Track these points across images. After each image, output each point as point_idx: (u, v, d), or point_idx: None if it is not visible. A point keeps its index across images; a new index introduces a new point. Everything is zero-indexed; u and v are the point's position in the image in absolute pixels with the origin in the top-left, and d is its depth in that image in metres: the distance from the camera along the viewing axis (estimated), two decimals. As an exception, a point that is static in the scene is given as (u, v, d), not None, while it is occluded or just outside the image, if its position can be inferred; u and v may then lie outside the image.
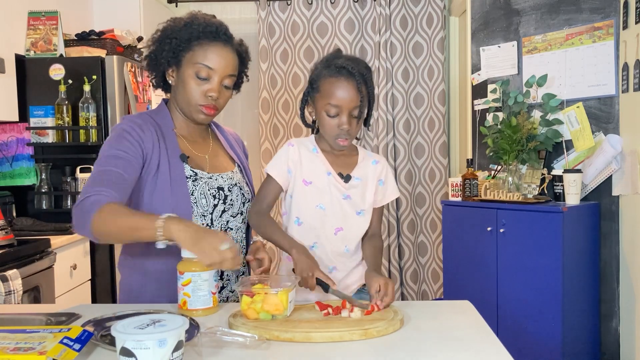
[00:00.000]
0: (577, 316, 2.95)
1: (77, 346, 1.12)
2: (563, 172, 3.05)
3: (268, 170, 1.74)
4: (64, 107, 3.09)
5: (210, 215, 1.64)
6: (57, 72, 3.14)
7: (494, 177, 3.34)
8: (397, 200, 4.35)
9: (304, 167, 1.71)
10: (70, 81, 3.12)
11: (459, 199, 3.34)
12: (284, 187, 1.74)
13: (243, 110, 4.62)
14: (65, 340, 1.10)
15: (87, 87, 3.10)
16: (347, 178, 1.71)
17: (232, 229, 1.69)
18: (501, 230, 3.05)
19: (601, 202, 3.07)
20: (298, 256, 1.59)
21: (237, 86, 1.76)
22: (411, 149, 4.38)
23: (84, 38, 3.38)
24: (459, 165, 4.43)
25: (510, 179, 3.19)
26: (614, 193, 3.01)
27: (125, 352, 1.03)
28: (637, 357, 2.83)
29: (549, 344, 2.88)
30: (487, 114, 3.52)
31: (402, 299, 4.35)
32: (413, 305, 1.56)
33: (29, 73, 3.14)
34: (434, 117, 4.34)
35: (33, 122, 3.12)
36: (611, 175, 3.01)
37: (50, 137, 3.12)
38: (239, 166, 1.78)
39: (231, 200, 1.68)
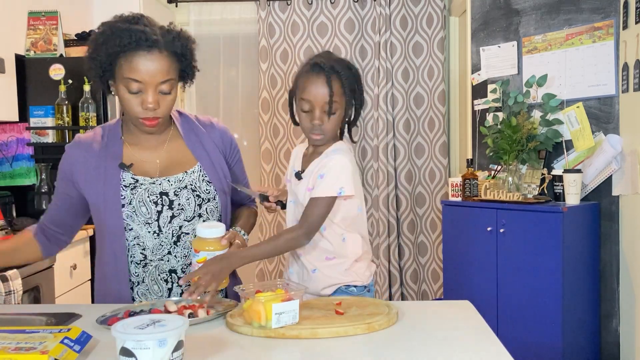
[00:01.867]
0: (577, 316, 2.95)
1: (77, 347, 1.12)
2: (563, 172, 3.05)
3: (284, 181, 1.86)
4: (64, 107, 3.09)
5: (157, 222, 1.59)
6: (57, 72, 3.14)
7: (494, 177, 3.34)
8: (397, 200, 4.35)
9: (290, 167, 1.82)
10: (70, 81, 3.12)
11: (459, 199, 3.34)
12: None
13: (243, 110, 4.62)
14: (65, 341, 1.10)
15: (87, 87, 3.10)
16: (297, 175, 1.74)
17: (187, 233, 1.62)
18: (501, 230, 3.05)
19: (601, 202, 3.08)
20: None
21: (186, 81, 1.67)
22: (411, 149, 4.38)
23: (84, 38, 3.38)
24: (459, 165, 4.43)
25: (510, 179, 3.19)
26: (614, 193, 3.01)
27: (125, 352, 1.03)
28: (637, 357, 2.83)
29: (549, 344, 2.88)
30: (487, 114, 3.52)
31: (402, 299, 4.35)
32: (413, 305, 1.56)
33: (29, 73, 3.14)
34: (434, 117, 4.34)
35: (33, 122, 3.12)
36: (611, 175, 3.01)
37: (50, 137, 3.12)
38: (201, 163, 1.68)
39: (180, 204, 1.61)
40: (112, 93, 1.61)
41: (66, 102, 3.10)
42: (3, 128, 3.17)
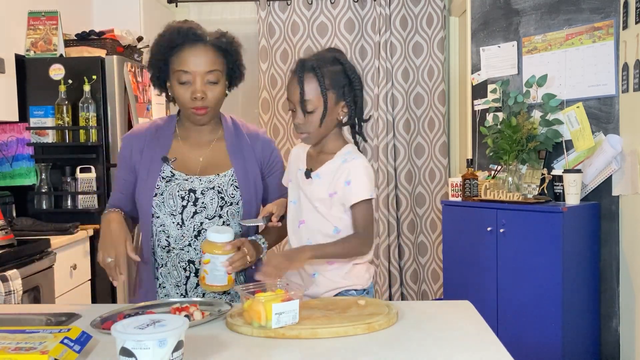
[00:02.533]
0: (577, 316, 2.95)
1: (77, 347, 1.12)
2: (563, 172, 3.05)
3: (282, 182, 1.85)
4: (64, 107, 3.09)
5: (180, 215, 1.72)
6: (57, 72, 3.14)
7: (494, 177, 3.34)
8: (397, 200, 4.35)
9: (291, 166, 1.81)
10: (70, 81, 3.11)
11: (459, 199, 3.34)
12: None
13: (243, 110, 4.62)
14: (65, 341, 1.10)
15: (87, 87, 3.10)
16: (307, 173, 1.72)
17: (206, 230, 1.69)
18: (501, 230, 3.05)
19: (601, 202, 3.07)
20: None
21: (233, 80, 1.82)
22: (411, 149, 4.38)
23: (84, 38, 3.38)
24: (459, 165, 4.43)
25: (510, 179, 3.19)
26: (614, 193, 3.01)
27: (125, 352, 1.03)
28: (637, 357, 2.83)
29: (549, 344, 2.88)
30: (487, 114, 3.52)
31: (402, 299, 4.35)
32: (413, 305, 1.56)
33: (29, 73, 3.14)
34: (434, 117, 4.34)
35: (33, 122, 3.12)
36: (611, 175, 3.01)
37: (50, 137, 3.12)
38: (235, 169, 1.77)
39: (203, 203, 1.72)
40: (170, 93, 1.75)
41: (66, 102, 3.09)
42: (3, 128, 3.17)
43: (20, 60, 3.09)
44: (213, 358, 1.18)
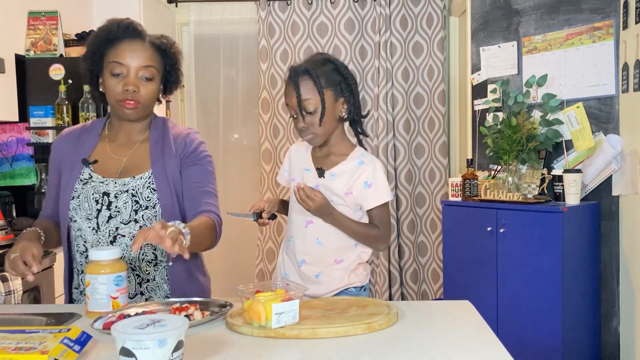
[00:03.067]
0: (577, 316, 2.95)
1: (77, 347, 1.12)
2: (563, 172, 3.05)
3: (278, 180, 1.90)
4: (64, 107, 3.09)
5: (96, 219, 1.67)
6: (57, 72, 3.14)
7: (494, 177, 3.34)
8: (397, 200, 4.35)
9: (292, 165, 1.83)
10: (70, 81, 3.11)
11: (459, 199, 3.34)
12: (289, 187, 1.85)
13: (243, 110, 4.62)
14: (65, 341, 1.10)
15: (87, 87, 3.10)
16: (320, 172, 1.74)
17: (124, 235, 1.66)
18: (501, 230, 3.05)
19: (601, 202, 3.08)
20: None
21: (169, 84, 1.76)
22: (411, 149, 4.38)
23: (84, 38, 3.38)
24: (459, 165, 4.43)
25: (510, 179, 3.19)
26: (614, 193, 3.01)
27: (125, 352, 1.03)
28: (637, 357, 2.83)
29: (549, 344, 2.88)
30: (487, 114, 3.52)
31: (402, 299, 4.35)
32: (413, 305, 1.56)
33: (29, 73, 3.14)
34: (434, 117, 4.34)
35: (33, 122, 3.12)
36: (611, 175, 3.01)
37: (50, 137, 3.12)
38: (153, 170, 1.69)
39: (117, 207, 1.66)
40: (101, 89, 1.72)
41: (66, 102, 3.09)
42: (3, 128, 3.17)
43: (20, 60, 3.09)
44: (213, 358, 1.18)
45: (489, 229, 3.11)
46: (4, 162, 3.17)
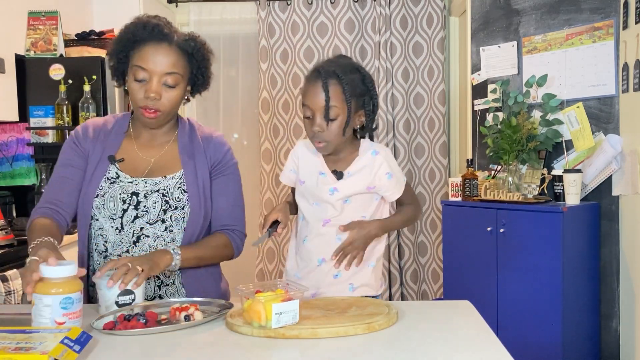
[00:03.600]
0: (577, 316, 2.95)
1: (77, 347, 1.12)
2: (563, 172, 3.05)
3: (281, 180, 1.86)
4: (64, 107, 3.09)
5: (120, 219, 1.62)
6: (57, 72, 3.14)
7: (494, 177, 3.34)
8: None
9: (301, 167, 1.78)
10: (70, 81, 3.12)
11: (459, 199, 3.34)
12: (294, 186, 1.83)
13: (243, 110, 4.62)
14: (65, 341, 1.10)
15: (87, 87, 3.10)
16: (339, 175, 1.73)
17: (148, 236, 1.63)
18: (501, 230, 3.05)
19: (601, 202, 3.08)
20: (275, 206, 1.78)
21: (196, 87, 1.73)
22: (411, 149, 4.38)
23: (84, 38, 3.38)
24: (459, 165, 4.43)
25: (510, 179, 3.19)
26: (614, 193, 3.01)
27: (126, 292, 1.37)
28: (637, 357, 2.83)
29: (549, 344, 2.88)
30: (487, 114, 3.52)
31: (402, 299, 4.35)
32: (413, 305, 1.56)
33: (29, 73, 3.14)
34: (434, 117, 4.34)
35: (33, 122, 3.12)
36: (611, 175, 3.01)
37: (50, 137, 3.12)
38: (184, 171, 1.67)
39: (145, 207, 1.63)
40: (125, 87, 1.67)
41: (66, 102, 3.10)
42: (3, 128, 3.17)
43: (20, 60, 3.09)
44: (213, 358, 1.18)
45: (489, 229, 3.11)
46: (4, 162, 3.17)
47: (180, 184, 1.66)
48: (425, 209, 4.39)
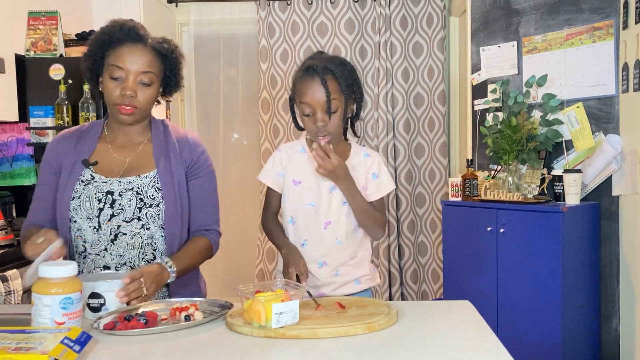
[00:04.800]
0: (577, 316, 2.95)
1: (77, 347, 1.12)
2: (563, 172, 3.05)
3: (261, 179, 1.87)
4: (64, 107, 3.09)
5: (97, 218, 1.67)
6: (57, 72, 3.14)
7: (494, 177, 3.34)
8: (397, 200, 4.35)
9: (292, 168, 1.81)
10: (70, 81, 3.11)
11: (459, 199, 3.34)
12: (280, 190, 1.84)
13: (243, 110, 4.62)
14: (65, 341, 1.10)
15: (87, 87, 3.10)
16: None
17: (125, 234, 1.68)
18: (501, 230, 3.05)
19: (601, 202, 3.08)
20: (286, 254, 1.72)
21: (168, 88, 1.77)
22: (411, 149, 4.38)
23: (84, 38, 3.38)
24: (459, 165, 4.43)
25: (510, 179, 3.19)
26: (614, 193, 3.01)
27: (95, 295, 1.42)
28: (637, 357, 2.83)
29: (548, 344, 2.88)
30: (487, 114, 3.52)
31: (402, 299, 4.35)
32: (413, 305, 1.56)
33: (29, 73, 3.14)
34: (434, 117, 4.34)
35: (33, 122, 3.12)
36: (611, 175, 3.01)
37: (50, 137, 3.12)
38: (158, 169, 1.72)
39: (121, 205, 1.68)
40: (100, 89, 1.72)
41: (66, 102, 3.09)
42: (3, 128, 3.17)
43: (20, 60, 3.09)
44: (213, 358, 1.18)
45: (489, 229, 3.11)
46: (4, 162, 3.17)
47: (155, 182, 1.71)
48: (426, 209, 4.39)
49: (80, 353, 1.13)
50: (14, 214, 3.09)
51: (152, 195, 1.70)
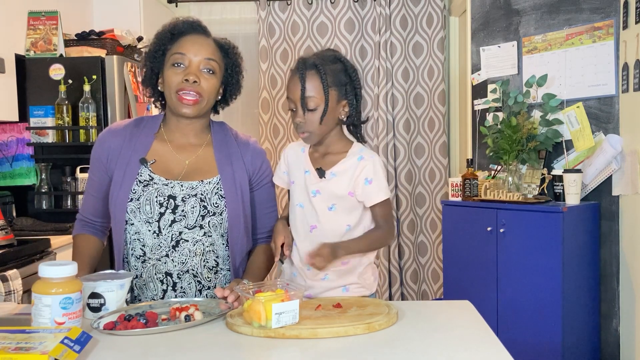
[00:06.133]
0: (577, 316, 2.95)
1: (77, 347, 1.12)
2: (563, 172, 3.05)
3: (273, 180, 1.82)
4: (64, 107, 3.09)
5: (157, 222, 1.60)
6: (57, 72, 3.14)
7: (494, 177, 3.34)
8: (397, 200, 4.35)
9: (292, 168, 1.77)
10: (70, 81, 3.11)
11: (459, 199, 3.34)
12: (288, 188, 1.80)
13: (243, 110, 4.62)
14: (65, 341, 1.10)
15: (87, 87, 3.10)
16: (321, 173, 1.69)
17: (187, 240, 1.61)
18: (501, 230, 3.05)
19: (601, 202, 3.08)
20: (276, 225, 1.73)
21: (229, 88, 1.72)
22: (411, 149, 4.38)
23: (84, 38, 3.38)
24: (459, 165, 4.43)
25: (510, 179, 3.19)
26: (614, 193, 3.01)
27: (95, 295, 1.43)
28: (637, 357, 2.83)
29: (549, 344, 2.88)
30: (487, 114, 3.52)
31: (402, 299, 4.35)
32: (413, 305, 1.56)
33: (29, 73, 3.14)
34: (434, 117, 4.34)
35: (33, 122, 3.12)
36: (611, 175, 3.01)
37: (50, 137, 3.12)
38: (221, 176, 1.66)
39: (183, 211, 1.60)
40: (160, 88, 1.66)
41: (66, 102, 3.09)
42: (3, 128, 3.17)
43: (20, 60, 3.09)
44: (213, 358, 1.18)
45: (489, 229, 3.11)
46: (4, 162, 3.17)
47: (218, 189, 1.64)
48: (426, 209, 4.39)
49: (80, 353, 1.13)
50: (14, 214, 3.09)
51: (216, 203, 1.62)
